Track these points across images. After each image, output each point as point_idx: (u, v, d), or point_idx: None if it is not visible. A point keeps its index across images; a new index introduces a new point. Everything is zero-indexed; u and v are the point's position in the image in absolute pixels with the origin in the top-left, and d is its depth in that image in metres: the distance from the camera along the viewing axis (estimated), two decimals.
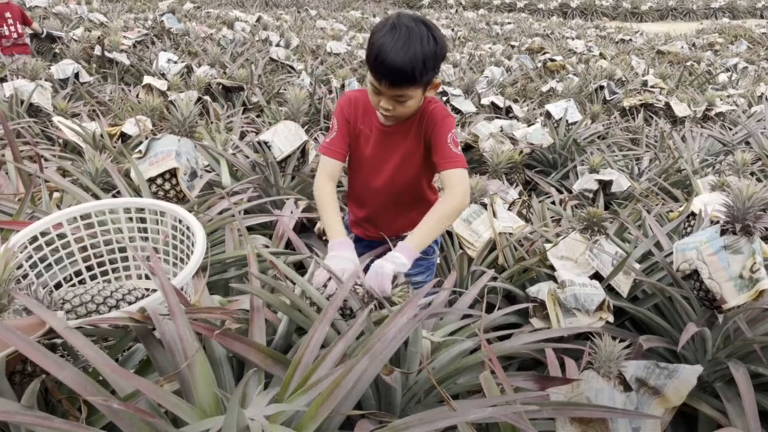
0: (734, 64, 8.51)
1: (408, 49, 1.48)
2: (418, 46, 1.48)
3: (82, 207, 1.58)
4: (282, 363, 1.25)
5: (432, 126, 1.67)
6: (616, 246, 2.06)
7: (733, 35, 13.29)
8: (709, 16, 20.42)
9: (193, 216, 1.58)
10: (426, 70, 1.51)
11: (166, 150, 1.98)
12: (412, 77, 1.50)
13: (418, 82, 1.52)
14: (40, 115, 3.77)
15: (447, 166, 1.62)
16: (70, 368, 1.00)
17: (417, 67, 1.48)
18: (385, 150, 1.76)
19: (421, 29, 1.51)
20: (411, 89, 1.54)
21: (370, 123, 1.75)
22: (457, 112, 4.34)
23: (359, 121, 1.75)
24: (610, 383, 1.24)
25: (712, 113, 5.26)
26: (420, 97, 1.61)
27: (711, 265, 1.73)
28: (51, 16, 8.33)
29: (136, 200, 1.61)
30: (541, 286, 1.95)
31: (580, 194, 3.22)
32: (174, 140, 2.01)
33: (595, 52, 9.10)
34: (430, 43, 1.50)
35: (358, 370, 1.08)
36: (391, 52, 1.47)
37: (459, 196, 1.59)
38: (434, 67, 1.55)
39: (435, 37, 1.53)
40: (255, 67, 5.37)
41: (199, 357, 1.11)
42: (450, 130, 1.65)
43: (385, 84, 1.52)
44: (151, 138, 2.01)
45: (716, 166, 3.62)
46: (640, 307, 1.96)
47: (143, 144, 2.04)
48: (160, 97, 3.88)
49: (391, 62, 1.47)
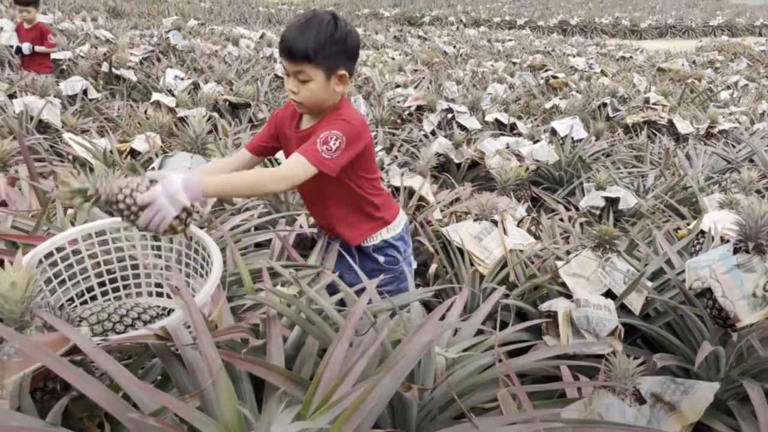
0: (735, 82, 8.57)
1: (306, 28, 1.62)
2: (316, 26, 1.62)
3: (97, 224, 1.59)
4: (300, 383, 1.25)
5: (323, 125, 1.69)
6: (627, 264, 2.07)
7: (732, 53, 13.39)
8: (708, 33, 20.58)
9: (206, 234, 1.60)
10: (321, 49, 1.61)
11: (179, 167, 1.99)
12: (305, 52, 1.61)
13: (312, 59, 1.61)
14: (49, 131, 3.80)
15: (298, 151, 1.62)
16: (98, 385, 1.01)
17: (310, 43, 1.60)
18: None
19: (326, 17, 1.65)
20: (308, 67, 1.63)
21: (291, 127, 1.83)
22: (463, 129, 4.37)
23: (286, 125, 1.85)
24: (626, 400, 1.25)
25: (715, 130, 5.30)
26: (323, 83, 1.66)
27: (724, 283, 1.73)
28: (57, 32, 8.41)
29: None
30: (552, 302, 1.96)
31: (588, 211, 3.23)
32: (187, 157, 2.03)
33: (596, 69, 9.17)
34: (329, 26, 1.63)
35: (382, 387, 1.09)
36: (291, 30, 1.64)
37: (274, 176, 1.59)
38: (333, 52, 1.64)
39: (337, 24, 1.65)
40: (261, 83, 5.42)
41: (222, 374, 1.11)
42: (332, 129, 1.64)
43: (285, 59, 1.66)
44: (164, 155, 2.02)
45: (722, 184, 3.64)
46: (652, 324, 1.97)
47: (156, 161, 2.05)
48: (168, 114, 3.91)
49: (289, 35, 1.63)
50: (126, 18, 13.34)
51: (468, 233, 2.31)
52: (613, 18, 20.30)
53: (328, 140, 1.62)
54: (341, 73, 1.68)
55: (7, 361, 1.18)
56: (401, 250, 1.98)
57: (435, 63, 8.68)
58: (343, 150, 1.64)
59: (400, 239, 1.98)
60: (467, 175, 3.74)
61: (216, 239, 2.01)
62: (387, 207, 1.95)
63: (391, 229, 1.95)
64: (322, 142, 1.62)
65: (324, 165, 1.61)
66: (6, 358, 1.18)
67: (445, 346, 1.60)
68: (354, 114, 1.75)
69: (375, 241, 1.93)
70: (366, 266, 1.86)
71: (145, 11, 15.09)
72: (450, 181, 3.62)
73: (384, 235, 1.93)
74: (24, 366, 1.16)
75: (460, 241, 2.26)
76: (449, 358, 1.52)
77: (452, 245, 2.27)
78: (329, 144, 1.62)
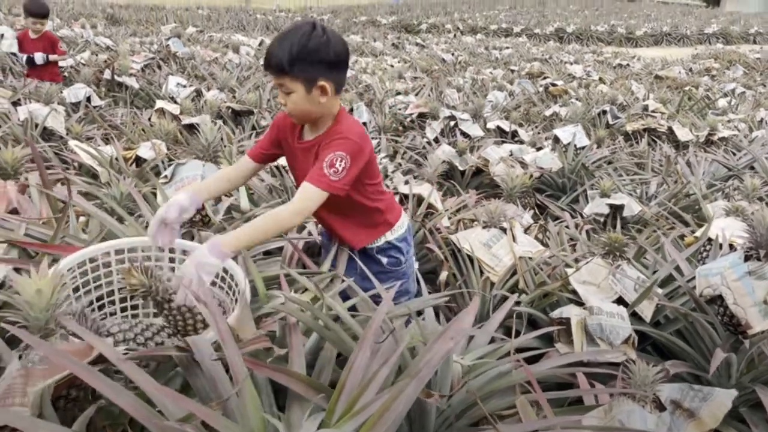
0: (732, 89, 8.62)
1: (283, 40, 1.63)
2: (294, 38, 1.61)
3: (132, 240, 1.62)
4: (323, 391, 1.26)
5: (326, 144, 1.71)
6: (637, 271, 2.09)
7: (728, 60, 13.48)
8: (702, 41, 20.70)
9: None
10: (296, 61, 1.61)
11: (192, 175, 2.00)
12: (280, 65, 1.62)
13: (287, 71, 1.62)
14: (53, 139, 3.80)
15: (307, 179, 1.65)
16: (126, 394, 1.02)
17: (284, 56, 1.60)
18: (302, 165, 1.83)
19: (304, 27, 1.64)
20: (287, 79, 1.64)
21: (293, 137, 1.84)
22: (466, 137, 4.39)
23: (288, 133, 1.86)
24: (646, 407, 1.25)
25: (715, 138, 5.33)
26: (303, 95, 1.66)
27: (736, 290, 1.75)
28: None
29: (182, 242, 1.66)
30: (563, 310, 1.97)
31: (592, 218, 3.25)
32: (199, 165, 2.04)
33: (594, 76, 9.22)
34: (303, 37, 1.61)
35: (407, 395, 1.09)
36: (272, 42, 1.65)
37: (289, 212, 1.63)
38: (310, 63, 1.62)
39: (311, 35, 1.62)
40: (263, 91, 5.43)
41: (248, 382, 1.12)
42: (336, 151, 1.67)
43: (268, 71, 1.68)
44: (176, 163, 2.03)
45: (725, 191, 3.66)
46: (662, 331, 1.98)
47: (169, 169, 2.06)
48: (173, 121, 3.92)
49: (269, 50, 1.65)
50: (124, 25, 13.35)
51: (477, 241, 2.32)
52: (609, 26, 20.40)
53: (334, 163, 1.65)
54: (321, 84, 1.66)
55: (32, 368, 1.18)
56: (404, 251, 2.01)
57: (434, 70, 8.71)
58: (348, 169, 1.67)
59: (403, 240, 2.00)
60: (471, 182, 3.75)
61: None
62: (389, 210, 1.97)
63: (394, 231, 1.98)
64: (329, 165, 1.65)
65: (334, 188, 1.65)
66: (30, 366, 1.19)
67: (461, 354, 1.61)
68: (353, 127, 1.76)
69: (378, 243, 1.96)
70: (370, 268, 1.89)
71: (143, 18, 15.11)
72: (454, 188, 3.63)
73: (387, 237, 1.96)
74: (48, 374, 1.17)
75: (469, 249, 2.27)
76: (465, 365, 1.53)
77: (462, 252, 2.28)
78: (336, 167, 1.65)
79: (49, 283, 1.20)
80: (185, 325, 1.50)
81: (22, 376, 1.19)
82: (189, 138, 3.89)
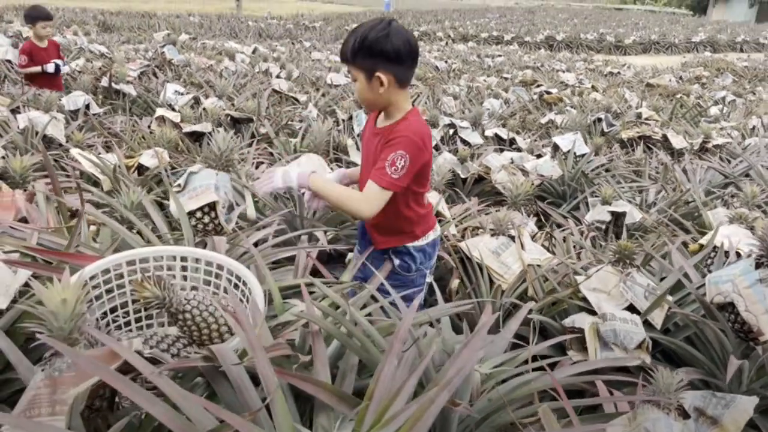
0: (722, 97, 8.73)
1: (354, 33, 1.78)
2: (366, 31, 1.75)
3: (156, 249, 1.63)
4: (348, 400, 1.26)
5: (389, 142, 1.82)
6: (647, 278, 2.10)
7: (716, 68, 13.65)
8: (690, 49, 20.96)
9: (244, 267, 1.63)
10: (357, 51, 1.76)
11: (205, 184, 2.00)
12: (345, 54, 1.80)
13: (350, 60, 1.79)
14: (52, 146, 3.78)
15: (371, 178, 1.80)
16: (160, 404, 1.01)
17: (351, 45, 1.76)
18: (367, 150, 1.98)
19: (372, 22, 1.78)
20: (351, 67, 1.81)
21: (371, 123, 2.00)
22: (465, 144, 4.41)
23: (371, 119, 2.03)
24: (670, 414, 1.27)
25: (710, 145, 5.39)
26: (365, 83, 1.80)
27: (747, 298, 1.77)
28: None
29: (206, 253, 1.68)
30: (575, 318, 1.98)
31: (593, 225, 3.27)
32: (212, 174, 2.03)
33: (586, 84, 9.29)
34: (373, 31, 1.74)
35: (439, 404, 1.10)
36: (348, 35, 1.81)
37: (359, 201, 1.81)
38: (370, 54, 1.75)
39: (384, 30, 1.75)
40: (260, 99, 5.43)
41: (278, 392, 1.12)
42: (398, 150, 1.79)
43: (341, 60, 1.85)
44: (189, 171, 2.02)
45: (724, 199, 3.70)
46: (672, 338, 1.99)
47: (182, 177, 2.05)
48: (173, 129, 3.90)
49: (344, 41, 1.82)
50: (117, 32, 13.30)
51: (486, 248, 2.33)
52: (598, 34, 20.60)
53: (395, 162, 1.77)
54: (378, 74, 1.77)
55: (59, 377, 1.17)
56: (417, 260, 2.05)
57: (429, 78, 8.75)
58: (408, 167, 1.78)
59: (421, 251, 2.05)
60: (473, 189, 3.77)
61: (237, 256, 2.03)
62: (423, 222, 2.04)
63: (417, 242, 2.03)
64: (390, 164, 1.78)
65: (396, 186, 1.79)
66: (57, 374, 1.18)
67: (478, 362, 1.62)
68: (417, 127, 1.84)
69: (396, 244, 2.03)
70: (379, 264, 2.01)
71: (135, 25, 15.07)
72: (456, 195, 3.64)
73: (406, 242, 2.03)
74: (76, 381, 1.16)
75: (479, 257, 2.28)
76: (483, 373, 1.54)
77: (471, 260, 2.29)
78: (396, 165, 1.77)
79: (74, 293, 1.20)
80: (200, 334, 1.49)
81: (48, 386, 1.18)
82: (190, 146, 3.88)
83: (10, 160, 2.13)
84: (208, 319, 1.48)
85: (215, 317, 1.49)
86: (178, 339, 1.55)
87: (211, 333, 1.49)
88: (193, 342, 1.53)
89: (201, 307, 1.48)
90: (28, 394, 1.18)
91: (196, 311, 1.47)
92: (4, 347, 1.36)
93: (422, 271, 2.09)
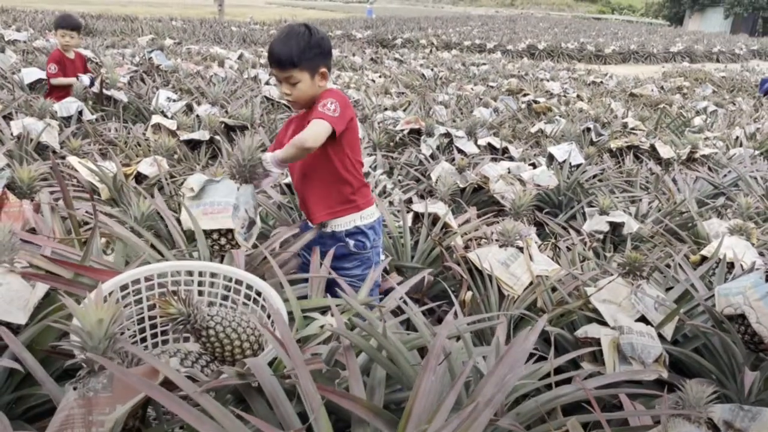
0: (704, 107, 8.89)
1: (288, 39, 2.01)
2: (294, 37, 2.00)
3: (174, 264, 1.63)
4: (382, 415, 1.26)
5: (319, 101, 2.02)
6: (656, 290, 2.14)
7: (695, 78, 13.92)
8: (669, 59, 21.34)
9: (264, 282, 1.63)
10: (303, 54, 1.99)
11: (224, 202, 1.93)
12: (290, 59, 1.99)
13: (297, 64, 2.00)
14: (45, 153, 3.72)
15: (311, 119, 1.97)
16: (210, 422, 1.00)
17: (293, 51, 1.98)
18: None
19: (300, 28, 2.03)
20: (295, 71, 2.01)
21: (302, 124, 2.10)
22: (461, 153, 4.44)
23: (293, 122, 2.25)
24: (700, 428, 1.29)
25: (697, 155, 5.48)
26: (309, 82, 2.04)
27: (758, 310, 1.81)
28: (35, 51, 8.26)
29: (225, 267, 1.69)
30: (587, 329, 2.01)
31: (594, 237, 3.31)
32: (233, 189, 1.96)
33: (572, 94, 9.40)
34: (305, 35, 2.01)
35: (483, 422, 1.10)
36: (275, 43, 2.03)
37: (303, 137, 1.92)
38: (313, 55, 2.02)
39: (310, 32, 2.03)
40: (254, 106, 5.41)
41: (321, 410, 1.12)
42: (325, 99, 2.01)
43: (275, 68, 2.05)
44: (208, 179, 1.98)
45: (718, 209, 3.77)
46: (682, 349, 2.02)
47: (197, 182, 1.99)
48: (169, 136, 3.87)
49: (274, 48, 2.02)
50: (100, 36, 13.15)
51: (495, 259, 2.35)
52: (579, 43, 20.88)
53: (326, 104, 1.98)
54: (322, 70, 2.07)
55: (94, 396, 1.16)
56: (370, 238, 2.24)
57: (417, 86, 8.79)
58: (341, 112, 1.98)
59: (371, 228, 2.24)
60: (470, 199, 3.79)
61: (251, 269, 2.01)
62: (361, 195, 2.21)
63: (364, 218, 2.22)
64: (322, 105, 1.97)
65: (333, 121, 1.95)
66: (92, 394, 1.16)
67: None
68: (336, 91, 2.08)
69: (348, 226, 2.19)
70: (337, 250, 2.16)
71: (118, 29, 14.91)
72: (454, 205, 3.65)
73: (356, 222, 2.20)
74: (112, 401, 1.15)
75: (489, 268, 2.29)
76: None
77: (482, 272, 2.30)
78: (328, 106, 1.97)
79: (109, 313, 1.18)
80: (223, 351, 1.48)
81: (82, 406, 1.16)
82: (188, 153, 3.85)
83: (17, 170, 2.09)
84: (231, 336, 1.47)
85: (238, 334, 1.49)
86: (200, 356, 1.54)
87: (234, 350, 1.48)
88: (215, 359, 1.52)
89: (225, 324, 1.47)
90: (60, 415, 1.16)
91: (219, 327, 1.46)
92: (29, 363, 1.34)
93: (377, 248, 2.28)
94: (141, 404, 1.15)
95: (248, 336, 1.51)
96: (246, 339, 1.51)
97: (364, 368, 1.49)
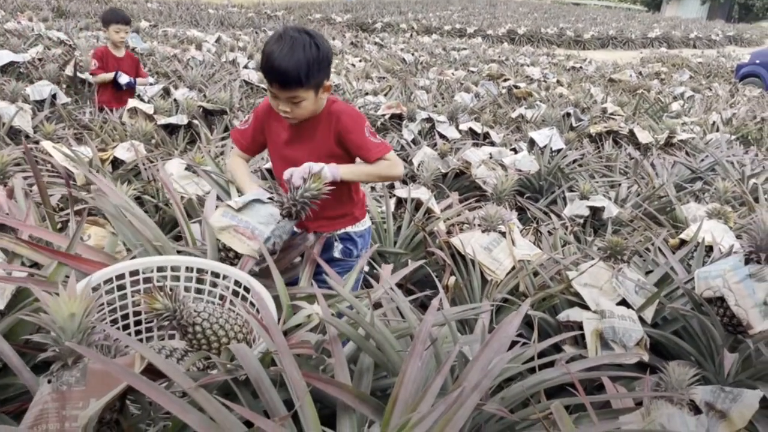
0: (681, 93, 8.99)
1: (292, 54, 1.71)
2: (301, 52, 1.72)
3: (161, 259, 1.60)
4: (369, 402, 1.25)
5: (344, 125, 1.89)
6: (637, 274, 2.15)
7: (672, 64, 14.06)
8: (647, 45, 21.52)
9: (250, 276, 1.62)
10: (311, 72, 1.74)
11: (259, 230, 1.78)
12: (298, 79, 1.73)
13: (305, 83, 1.75)
14: (17, 138, 3.63)
15: (377, 155, 1.90)
16: (194, 412, 0.99)
17: (302, 69, 1.72)
18: (298, 143, 1.97)
19: (304, 38, 1.75)
20: (301, 90, 1.76)
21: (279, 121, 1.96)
22: (443, 138, 4.43)
23: (273, 117, 1.97)
24: (683, 410, 1.30)
25: (674, 140, 5.54)
26: (313, 99, 1.83)
27: (737, 292, 1.83)
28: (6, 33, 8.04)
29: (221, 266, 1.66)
30: (569, 312, 2.02)
31: (574, 221, 3.33)
32: (274, 218, 1.80)
33: (552, 79, 9.44)
34: (312, 49, 1.74)
35: (470, 406, 1.10)
36: (278, 59, 1.71)
37: (389, 167, 1.91)
38: (320, 71, 1.78)
39: (317, 44, 1.76)
40: (233, 90, 5.33)
41: (307, 397, 1.11)
42: (364, 124, 1.91)
43: (276, 87, 1.77)
44: (255, 198, 1.82)
45: (696, 193, 3.81)
46: (662, 332, 2.05)
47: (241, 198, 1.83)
48: (146, 121, 3.80)
49: (278, 67, 1.72)
50: (73, 18, 12.85)
51: (478, 244, 2.35)
52: (558, 29, 20.94)
53: (371, 131, 1.92)
54: (327, 84, 1.86)
55: (67, 390, 1.13)
56: (359, 245, 2.16)
57: (397, 70, 8.74)
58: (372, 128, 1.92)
59: (361, 237, 2.17)
60: (452, 184, 3.79)
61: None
62: (360, 206, 2.14)
63: (356, 226, 2.14)
64: (371, 135, 1.91)
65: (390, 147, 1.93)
66: (65, 388, 1.14)
67: None
68: (349, 106, 1.97)
69: (338, 231, 2.11)
70: (323, 254, 2.03)
71: (92, 11, 14.58)
72: (436, 190, 3.65)
73: (347, 229, 2.12)
74: (86, 395, 1.12)
75: (471, 253, 2.29)
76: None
77: (465, 257, 2.30)
78: (372, 132, 1.91)
79: (81, 305, 1.14)
80: (210, 348, 1.46)
81: (56, 400, 1.14)
82: (165, 138, 3.79)
83: None
84: (218, 332, 1.45)
85: (226, 330, 1.46)
86: (186, 353, 1.52)
87: (221, 347, 1.46)
88: None
89: (212, 320, 1.45)
90: (34, 409, 1.14)
91: (206, 324, 1.44)
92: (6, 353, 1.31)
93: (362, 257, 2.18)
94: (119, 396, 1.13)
95: (236, 333, 1.49)
96: (234, 336, 1.49)
97: (351, 357, 1.49)
